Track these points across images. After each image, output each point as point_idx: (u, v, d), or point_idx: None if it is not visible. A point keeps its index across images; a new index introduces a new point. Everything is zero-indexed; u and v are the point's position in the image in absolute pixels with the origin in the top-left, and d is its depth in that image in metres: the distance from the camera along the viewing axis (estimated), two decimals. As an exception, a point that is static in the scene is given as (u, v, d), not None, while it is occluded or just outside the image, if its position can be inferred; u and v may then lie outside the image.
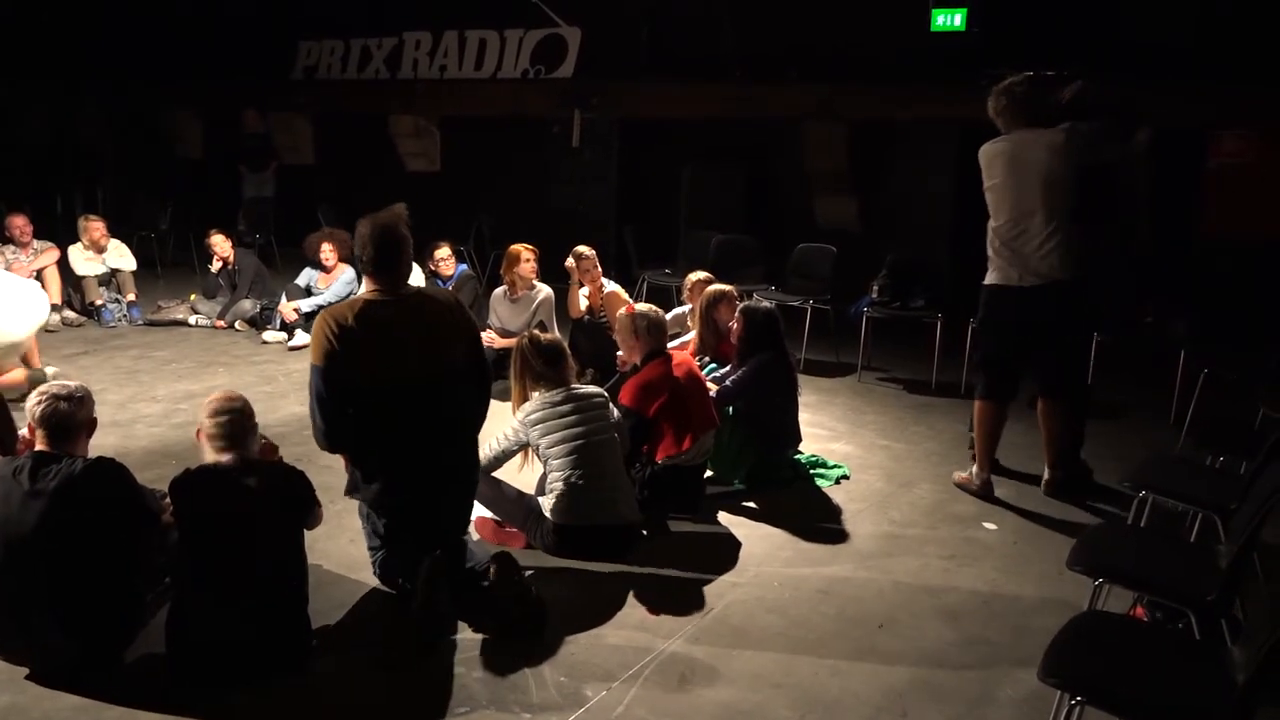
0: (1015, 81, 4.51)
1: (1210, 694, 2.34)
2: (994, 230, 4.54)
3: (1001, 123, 4.56)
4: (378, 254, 3.46)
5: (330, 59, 12.17)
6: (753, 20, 9.42)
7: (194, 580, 3.12)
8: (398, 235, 3.51)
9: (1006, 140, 4.51)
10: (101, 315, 8.28)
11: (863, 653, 3.43)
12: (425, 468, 3.53)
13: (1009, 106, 4.51)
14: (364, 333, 3.37)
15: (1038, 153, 4.37)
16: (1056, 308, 4.45)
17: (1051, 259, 4.39)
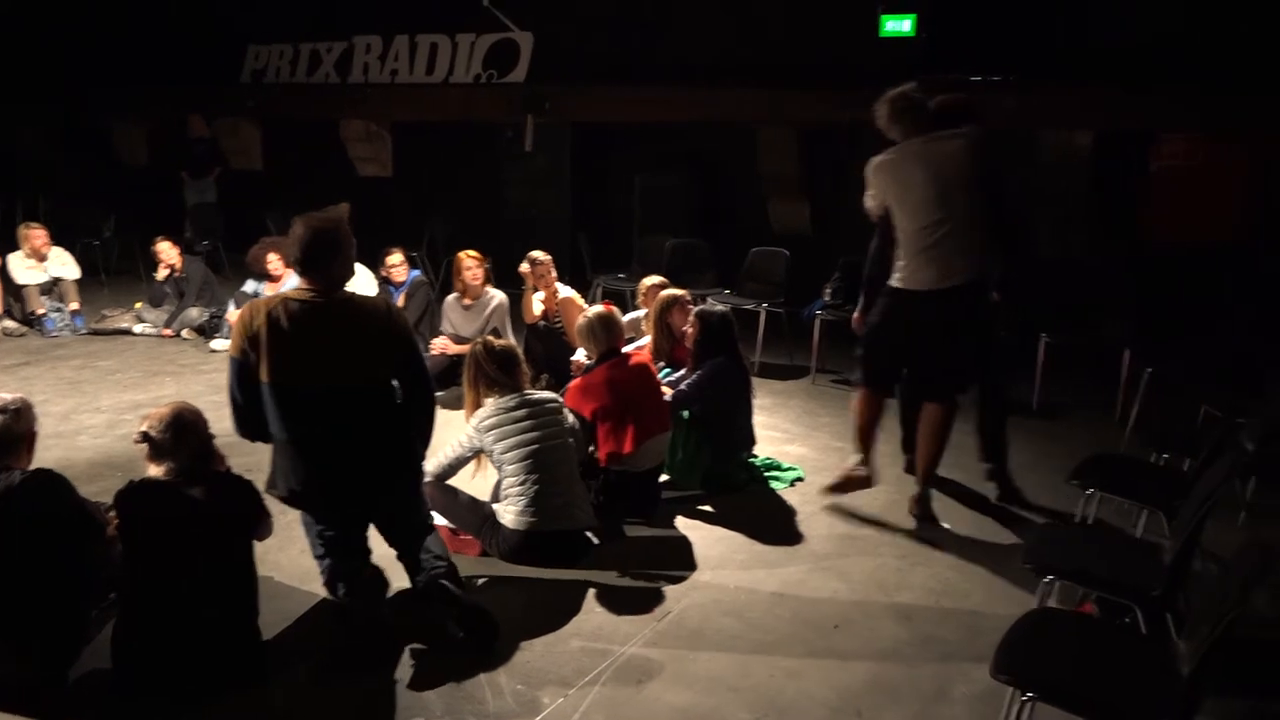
0: (908, 90, 4.41)
1: (1157, 687, 2.38)
2: (910, 235, 4.32)
3: (899, 130, 4.38)
4: (305, 253, 3.37)
5: (279, 63, 12.01)
6: (704, 25, 9.47)
7: (140, 594, 3.06)
8: (331, 236, 3.43)
9: (909, 146, 4.33)
10: (44, 325, 8.09)
11: (818, 654, 3.45)
12: (333, 475, 3.41)
13: (907, 113, 4.36)
14: (278, 328, 3.29)
15: (949, 155, 4.24)
16: (965, 309, 4.32)
17: (965, 260, 4.25)
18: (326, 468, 3.39)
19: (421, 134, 11.35)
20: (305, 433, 3.35)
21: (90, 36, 12.57)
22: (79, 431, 5.66)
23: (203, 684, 3.05)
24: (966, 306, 4.31)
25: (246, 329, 3.31)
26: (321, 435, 3.35)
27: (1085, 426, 6.14)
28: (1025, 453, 5.65)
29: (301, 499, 3.46)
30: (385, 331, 3.45)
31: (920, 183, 4.25)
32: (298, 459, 3.38)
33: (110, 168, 13.15)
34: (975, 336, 4.45)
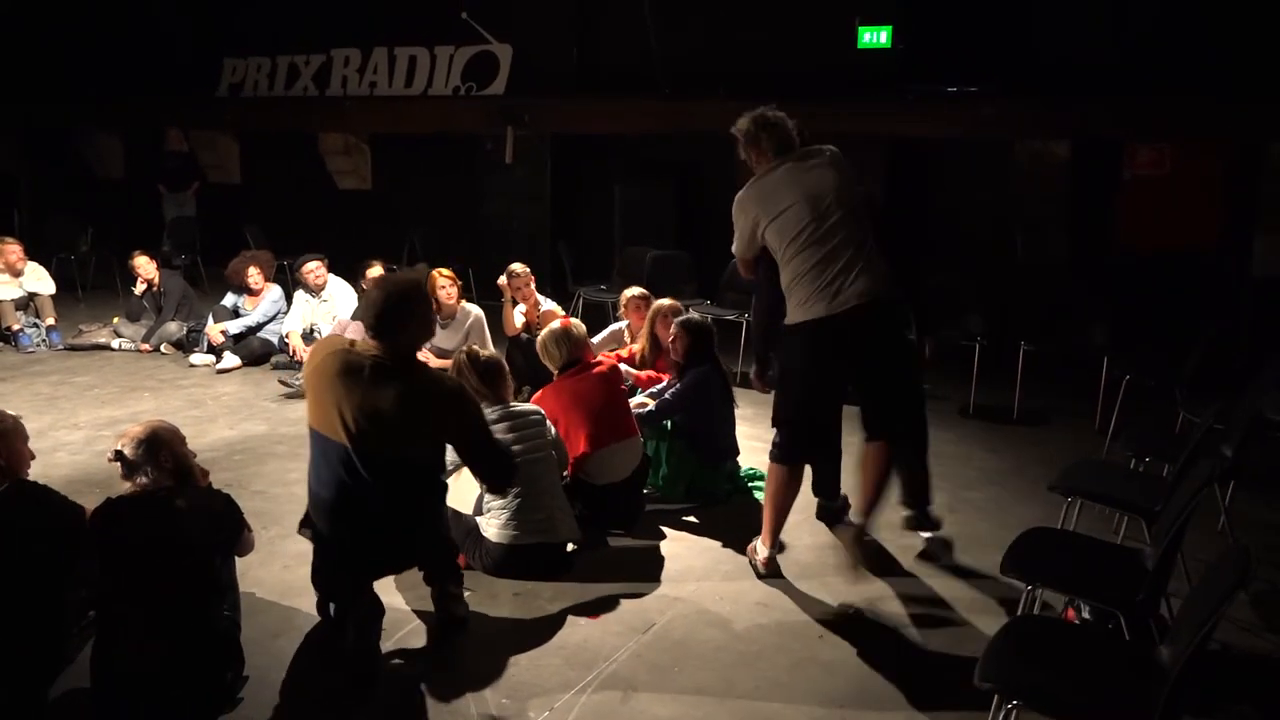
0: (766, 111, 4.04)
1: (1140, 692, 2.39)
2: (796, 264, 3.84)
3: (766, 152, 3.98)
4: (376, 317, 3.28)
5: (257, 76, 11.97)
6: (681, 38, 9.50)
7: (119, 612, 3.03)
8: (406, 300, 3.32)
9: (776, 171, 3.92)
10: (19, 340, 8.02)
11: (803, 664, 3.45)
12: (345, 536, 3.37)
13: (774, 135, 3.96)
14: (327, 373, 3.27)
15: (823, 173, 3.87)
16: (876, 328, 3.83)
17: (862, 280, 3.77)
18: (340, 525, 3.37)
19: (400, 146, 11.33)
20: (326, 485, 3.33)
21: (65, 48, 12.48)
22: (56, 448, 5.60)
23: (183, 702, 3.01)
24: (888, 324, 3.87)
25: (308, 361, 3.41)
26: (340, 493, 3.29)
27: (1064, 433, 6.18)
28: (1005, 460, 5.70)
29: (319, 548, 3.48)
30: (439, 411, 3.31)
31: (798, 203, 3.81)
32: (317, 509, 3.41)
33: (86, 181, 13.06)
34: (897, 360, 3.97)
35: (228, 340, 7.65)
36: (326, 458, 3.29)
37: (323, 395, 3.26)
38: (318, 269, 7.63)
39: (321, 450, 3.31)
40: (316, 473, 3.36)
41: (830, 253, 3.78)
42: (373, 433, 3.21)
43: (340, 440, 3.23)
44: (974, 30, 8.31)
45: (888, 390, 3.97)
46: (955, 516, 4.82)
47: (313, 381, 3.32)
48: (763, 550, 4.13)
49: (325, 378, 3.26)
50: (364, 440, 3.21)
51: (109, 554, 3.04)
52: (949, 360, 7.07)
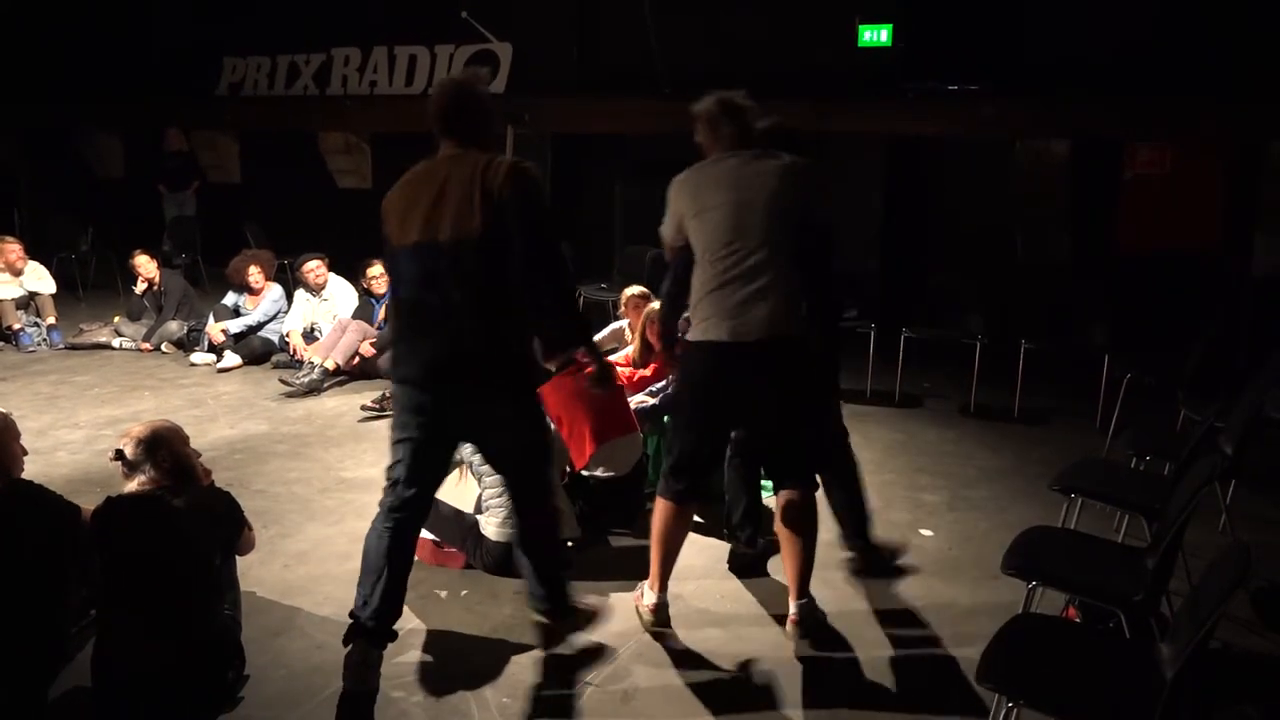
0: (736, 96, 3.58)
1: (1140, 691, 2.39)
2: (707, 274, 3.39)
3: (721, 139, 3.54)
4: (439, 113, 3.20)
5: (256, 75, 11.96)
6: (681, 36, 9.50)
7: (119, 611, 3.03)
8: (470, 92, 3.23)
9: (724, 164, 3.48)
10: (19, 339, 8.02)
11: (803, 663, 3.45)
12: (419, 344, 3.12)
13: (735, 123, 3.52)
14: (394, 192, 3.26)
15: (767, 181, 3.38)
16: (777, 368, 3.36)
17: (772, 312, 3.31)
18: (414, 332, 3.14)
19: (401, 145, 11.27)
20: (403, 296, 3.20)
21: (65, 47, 12.48)
22: (56, 448, 5.61)
23: (184, 700, 3.01)
24: (792, 365, 3.39)
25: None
26: (410, 298, 3.14)
27: (1065, 432, 6.18)
28: (1006, 458, 5.70)
29: (395, 370, 3.23)
30: (490, 187, 3.02)
31: (726, 205, 3.37)
32: (396, 322, 3.28)
33: (86, 180, 13.05)
34: (818, 400, 3.63)
35: (228, 339, 7.66)
36: (397, 268, 3.21)
37: (393, 208, 3.23)
38: (318, 268, 7.64)
39: (390, 262, 3.27)
40: (393, 288, 3.26)
41: (745, 272, 3.31)
42: (433, 219, 3.09)
43: (406, 242, 3.14)
44: (975, 29, 8.30)
45: (783, 437, 3.52)
46: (955, 515, 4.83)
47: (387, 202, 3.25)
48: (649, 595, 3.67)
49: (393, 194, 3.25)
50: (426, 229, 3.10)
51: (108, 553, 3.04)
52: (949, 359, 7.08)
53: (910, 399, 6.85)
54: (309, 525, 4.57)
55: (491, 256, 3.02)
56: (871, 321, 6.86)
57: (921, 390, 7.04)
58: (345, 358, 6.99)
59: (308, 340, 7.48)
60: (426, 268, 3.06)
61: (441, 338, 3.06)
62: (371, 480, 5.15)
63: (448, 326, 3.04)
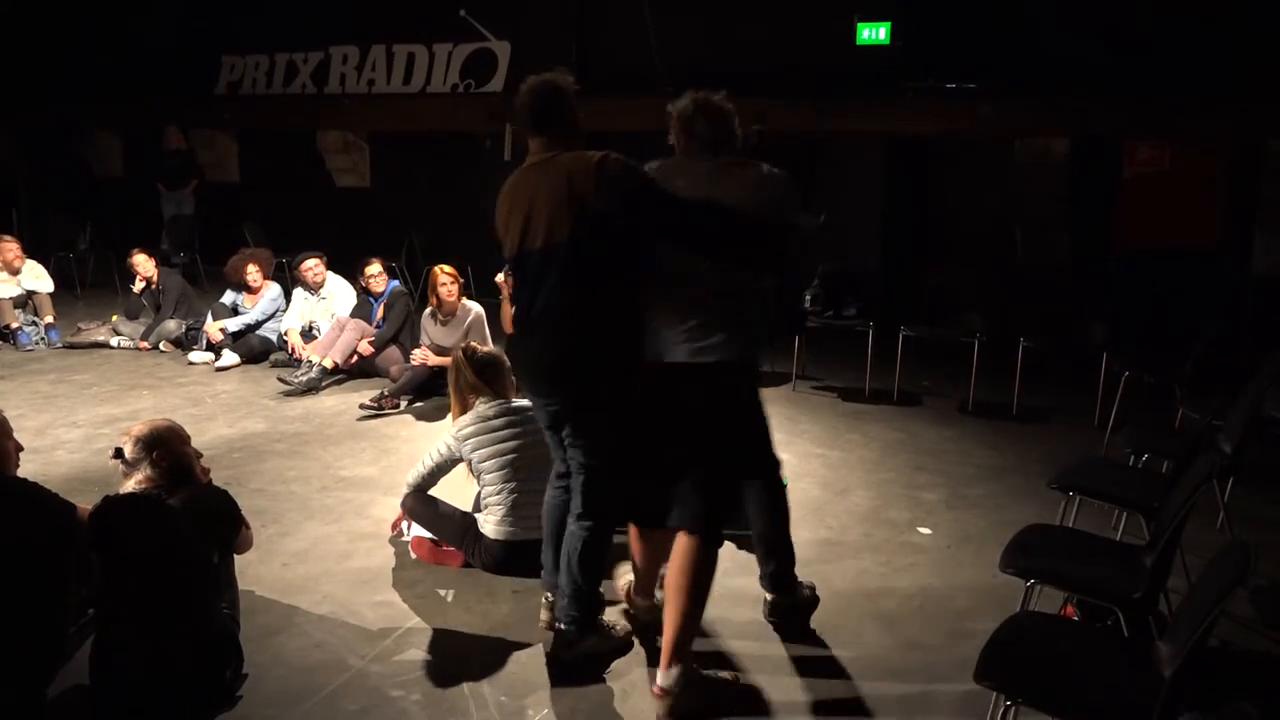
0: (715, 96, 3.39)
1: (1139, 689, 2.39)
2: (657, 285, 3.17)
3: (695, 140, 3.30)
4: (528, 114, 3.32)
5: (255, 74, 11.97)
6: (680, 35, 9.49)
7: (117, 610, 3.02)
8: (558, 91, 3.35)
9: (695, 167, 3.24)
10: (17, 338, 8.01)
11: (801, 661, 3.45)
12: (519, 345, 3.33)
13: (713, 126, 3.30)
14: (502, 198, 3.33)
15: (737, 189, 3.14)
16: (702, 397, 3.12)
17: (707, 336, 3.07)
18: (519, 334, 3.30)
19: (399, 144, 11.32)
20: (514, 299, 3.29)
21: (63, 47, 12.47)
22: (55, 447, 5.60)
23: (182, 700, 3.01)
24: (726, 394, 3.14)
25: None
26: (519, 302, 3.25)
27: (1064, 431, 6.18)
28: (1005, 456, 5.69)
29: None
30: (584, 184, 3.04)
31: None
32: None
33: (85, 179, 13.05)
34: (743, 434, 3.28)
35: (226, 338, 7.65)
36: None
37: (500, 213, 3.31)
38: (316, 266, 7.63)
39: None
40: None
41: (687, 291, 3.09)
42: (532, 225, 3.18)
43: (511, 248, 3.26)
44: (973, 27, 8.31)
45: (701, 469, 3.16)
46: (954, 513, 4.83)
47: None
48: (635, 593, 3.65)
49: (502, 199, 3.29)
50: (527, 236, 3.19)
51: (105, 552, 3.03)
52: (948, 358, 7.09)
53: (909, 397, 6.85)
54: (308, 524, 4.57)
55: (583, 261, 3.08)
56: (871, 320, 6.86)
57: (921, 388, 7.04)
58: (343, 356, 6.99)
59: (306, 339, 7.48)
60: (526, 275, 3.20)
61: (534, 342, 3.22)
62: (370, 479, 5.15)
63: (540, 331, 3.18)
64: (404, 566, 4.12)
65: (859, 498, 5.02)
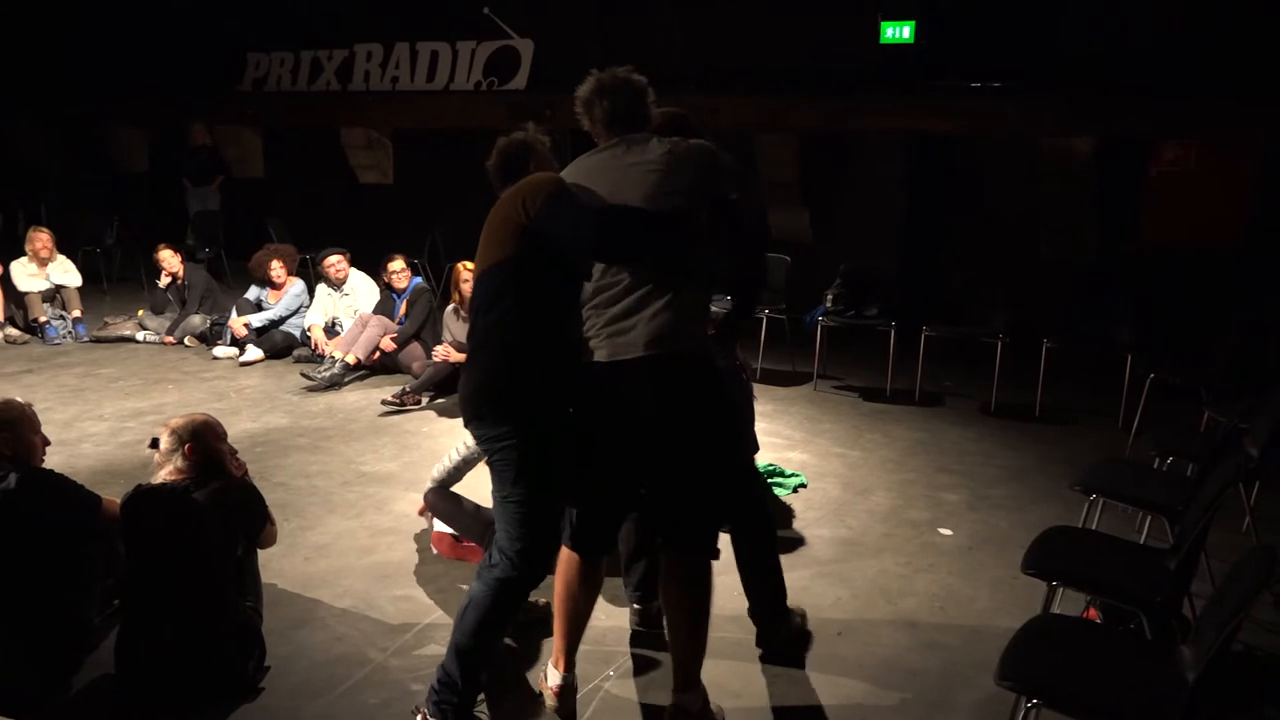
0: (620, 71, 3.10)
1: (1162, 693, 2.38)
2: (591, 286, 2.94)
3: (597, 124, 3.06)
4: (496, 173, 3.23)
5: (280, 71, 12.03)
6: (704, 33, 9.49)
7: (142, 599, 3.06)
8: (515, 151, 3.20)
9: (602, 155, 3.00)
10: (46, 332, 8.10)
11: (821, 661, 3.45)
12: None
13: (614, 103, 3.03)
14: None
15: (644, 177, 2.87)
16: (659, 390, 2.83)
17: (654, 325, 2.81)
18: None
19: (422, 141, 11.36)
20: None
21: (91, 44, 12.59)
22: (81, 439, 5.66)
23: (205, 690, 3.05)
24: (678, 385, 2.85)
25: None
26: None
27: (1088, 432, 6.13)
28: (1028, 458, 5.66)
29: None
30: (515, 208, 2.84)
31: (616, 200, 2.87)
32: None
33: (112, 176, 13.17)
34: (701, 430, 2.89)
35: (250, 333, 7.71)
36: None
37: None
38: (339, 263, 7.67)
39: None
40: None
41: (622, 284, 2.86)
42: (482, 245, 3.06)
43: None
44: (997, 26, 8.25)
45: (663, 480, 2.93)
46: (976, 515, 4.81)
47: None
48: (553, 676, 3.09)
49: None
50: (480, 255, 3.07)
51: (132, 542, 3.08)
52: (971, 358, 7.05)
53: (931, 398, 6.82)
54: (329, 518, 4.60)
55: (503, 285, 2.91)
56: (892, 319, 6.84)
57: (943, 389, 7.01)
58: (366, 352, 7.03)
59: (329, 335, 7.52)
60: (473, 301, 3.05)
61: (466, 370, 3.00)
62: (391, 474, 5.18)
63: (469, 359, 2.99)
64: (425, 562, 4.15)
65: (880, 498, 5.00)
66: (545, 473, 2.82)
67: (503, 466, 2.82)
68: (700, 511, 2.94)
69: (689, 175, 2.87)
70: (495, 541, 2.87)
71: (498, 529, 2.88)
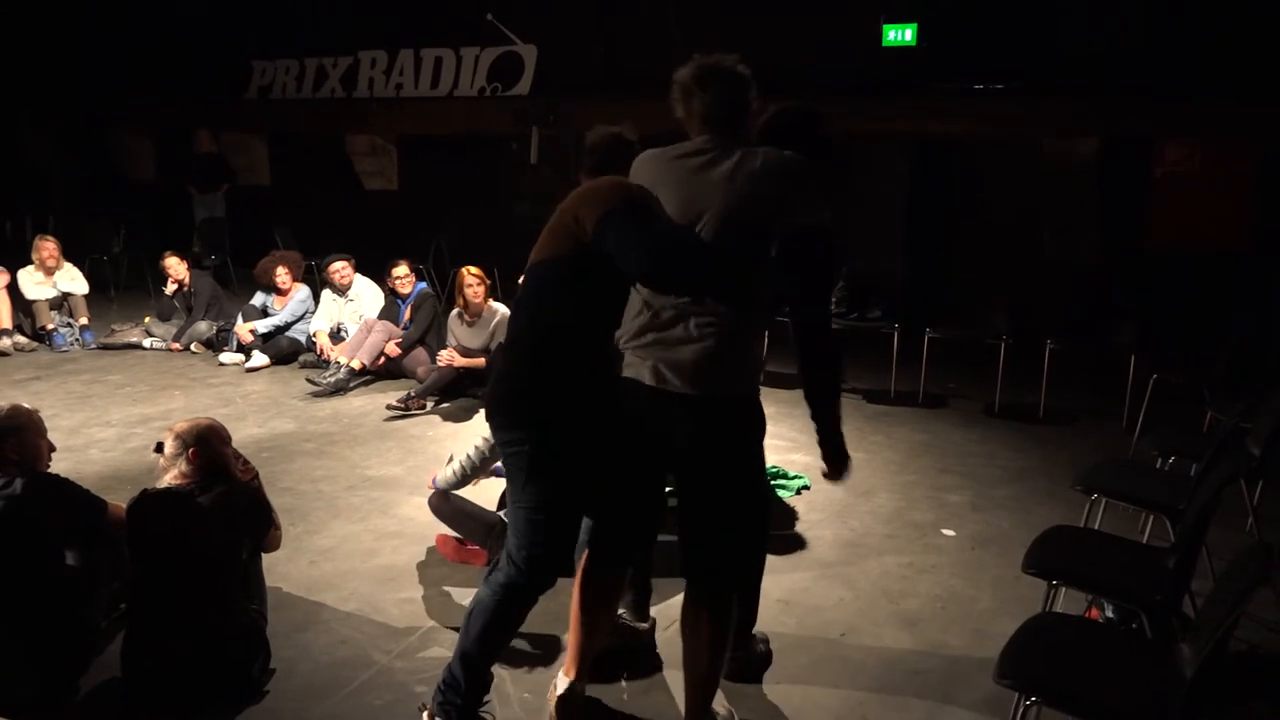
0: (726, 59, 2.90)
1: (1161, 690, 2.39)
2: (636, 297, 2.77)
3: (694, 116, 2.85)
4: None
5: (285, 78, 12.09)
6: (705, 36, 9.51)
7: (148, 602, 3.09)
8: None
9: (682, 156, 2.79)
10: (53, 339, 8.15)
11: (824, 662, 3.46)
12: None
13: (717, 95, 2.82)
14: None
15: (721, 187, 2.64)
16: (693, 430, 2.69)
17: (697, 359, 2.64)
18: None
19: (427, 147, 11.40)
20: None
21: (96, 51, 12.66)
22: (89, 445, 5.70)
23: (210, 693, 3.07)
24: (730, 433, 2.74)
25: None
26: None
27: (1091, 433, 6.14)
28: (1030, 458, 5.67)
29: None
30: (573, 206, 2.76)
31: (685, 205, 2.66)
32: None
33: (118, 183, 13.24)
34: (752, 480, 2.87)
35: (256, 339, 7.75)
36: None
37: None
38: (344, 269, 7.71)
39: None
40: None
41: (680, 304, 2.66)
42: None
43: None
44: (999, 28, 8.26)
45: (705, 517, 2.79)
46: (978, 515, 4.82)
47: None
48: (561, 682, 3.04)
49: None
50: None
51: (137, 546, 3.11)
52: (974, 359, 7.05)
53: (935, 399, 6.83)
54: (334, 522, 4.63)
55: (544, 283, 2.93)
56: (896, 321, 6.84)
57: (946, 390, 7.01)
58: (371, 357, 7.06)
59: (334, 340, 7.56)
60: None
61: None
62: (396, 478, 5.21)
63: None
64: (429, 565, 4.17)
65: (883, 499, 5.01)
66: (557, 482, 2.73)
67: (515, 470, 2.76)
68: (730, 554, 2.82)
69: (772, 196, 2.61)
70: (505, 545, 2.87)
71: (508, 534, 2.87)
